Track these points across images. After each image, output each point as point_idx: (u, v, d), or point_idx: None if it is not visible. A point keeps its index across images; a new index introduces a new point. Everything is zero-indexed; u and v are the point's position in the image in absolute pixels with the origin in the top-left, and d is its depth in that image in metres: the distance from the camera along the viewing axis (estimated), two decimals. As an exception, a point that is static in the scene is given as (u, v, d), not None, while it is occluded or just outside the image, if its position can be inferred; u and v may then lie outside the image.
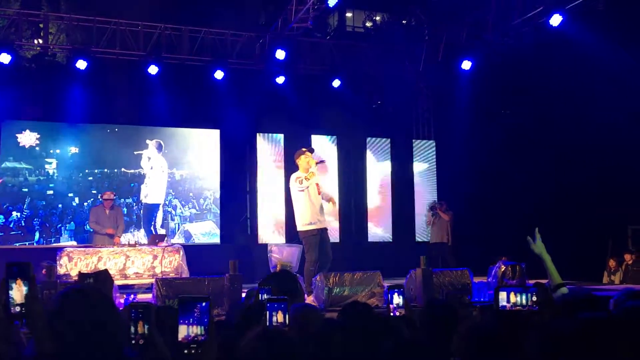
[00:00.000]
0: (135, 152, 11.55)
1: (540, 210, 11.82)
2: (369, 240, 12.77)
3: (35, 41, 11.38)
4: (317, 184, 7.04)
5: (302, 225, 6.95)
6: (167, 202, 11.76)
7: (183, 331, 1.78)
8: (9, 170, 10.81)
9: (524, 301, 2.70)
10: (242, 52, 11.44)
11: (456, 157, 12.80)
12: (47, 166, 11.03)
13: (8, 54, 9.91)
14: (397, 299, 2.98)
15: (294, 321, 2.74)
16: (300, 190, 6.91)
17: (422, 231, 12.67)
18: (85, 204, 11.11)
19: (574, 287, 5.91)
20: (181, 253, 8.63)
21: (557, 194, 11.79)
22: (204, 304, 1.84)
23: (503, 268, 7.79)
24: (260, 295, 2.89)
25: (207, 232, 11.89)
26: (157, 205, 11.73)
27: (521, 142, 12.21)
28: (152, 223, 11.58)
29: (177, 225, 11.75)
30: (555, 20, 9.52)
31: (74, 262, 8.18)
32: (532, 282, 7.99)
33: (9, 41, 10.25)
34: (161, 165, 11.81)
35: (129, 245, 8.78)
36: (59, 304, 1.95)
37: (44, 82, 11.13)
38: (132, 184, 11.54)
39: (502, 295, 2.74)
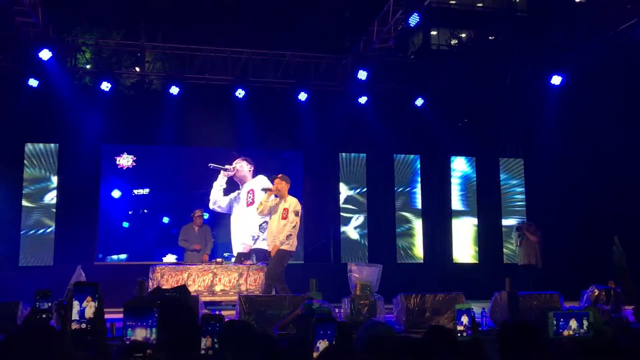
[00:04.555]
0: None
1: (637, 232, 11.07)
2: (454, 261, 12.47)
3: (136, 69, 12.13)
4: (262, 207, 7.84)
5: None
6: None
7: (140, 333, 1.88)
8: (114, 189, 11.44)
9: (576, 326, 2.56)
10: (325, 73, 11.65)
11: (546, 176, 12.30)
12: (139, 188, 11.54)
13: (108, 82, 10.65)
14: (465, 321, 2.90)
15: (363, 339, 2.77)
16: None
17: (511, 252, 12.22)
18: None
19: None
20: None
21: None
22: (155, 309, 1.92)
23: (596, 292, 7.39)
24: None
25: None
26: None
27: (615, 161, 11.53)
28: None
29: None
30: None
31: (165, 279, 8.57)
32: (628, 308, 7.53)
33: (110, 70, 11.02)
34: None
35: (217, 263, 9.08)
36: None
37: (141, 107, 11.78)
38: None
39: (553, 320, 2.60)
